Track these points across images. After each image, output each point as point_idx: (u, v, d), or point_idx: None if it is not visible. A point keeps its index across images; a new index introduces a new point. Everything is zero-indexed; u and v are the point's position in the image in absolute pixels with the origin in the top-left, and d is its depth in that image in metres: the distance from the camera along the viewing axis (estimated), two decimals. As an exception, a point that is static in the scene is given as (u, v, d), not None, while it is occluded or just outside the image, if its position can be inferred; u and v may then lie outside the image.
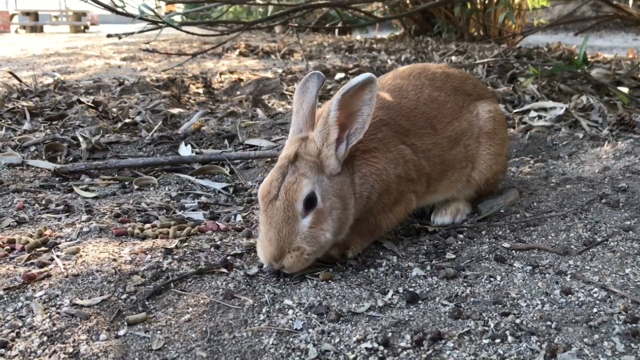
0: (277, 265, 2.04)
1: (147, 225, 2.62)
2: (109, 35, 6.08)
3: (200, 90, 6.13)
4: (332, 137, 2.11)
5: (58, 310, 1.87)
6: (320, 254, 2.14)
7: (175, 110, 4.96)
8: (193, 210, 2.88)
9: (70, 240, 2.43)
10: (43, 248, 2.35)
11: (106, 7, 5.39)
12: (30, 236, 2.45)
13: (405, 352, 1.67)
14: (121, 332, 1.78)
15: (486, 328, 1.78)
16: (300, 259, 2.03)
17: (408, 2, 10.97)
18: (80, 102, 5.00)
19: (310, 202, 2.04)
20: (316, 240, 2.06)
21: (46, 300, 1.93)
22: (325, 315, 1.86)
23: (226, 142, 4.11)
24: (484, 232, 2.54)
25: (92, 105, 4.89)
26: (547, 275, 2.10)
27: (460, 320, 1.83)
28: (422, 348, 1.69)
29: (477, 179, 2.67)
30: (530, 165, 3.48)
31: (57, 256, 2.24)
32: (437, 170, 2.50)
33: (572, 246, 2.33)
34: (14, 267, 2.16)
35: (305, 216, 2.05)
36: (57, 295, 1.95)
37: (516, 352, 1.65)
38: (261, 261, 2.10)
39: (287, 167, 2.09)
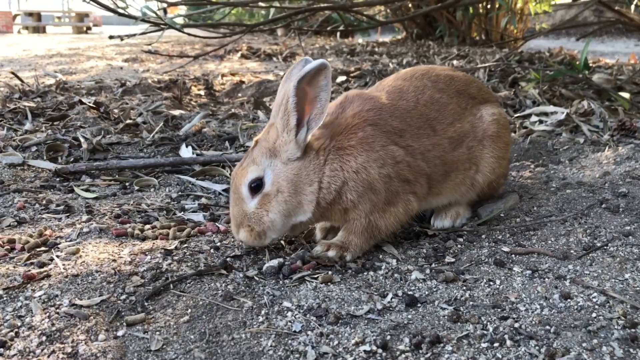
0: (237, 238, 2.31)
1: (147, 226, 2.63)
2: (111, 37, 6.09)
3: (202, 92, 6.14)
4: (291, 123, 2.22)
5: (57, 310, 1.87)
6: (278, 233, 2.31)
7: (176, 112, 4.97)
8: (193, 212, 2.88)
9: (70, 241, 2.44)
10: (43, 248, 2.35)
11: (108, 8, 5.40)
12: (30, 236, 2.45)
13: (403, 355, 1.67)
14: (120, 333, 1.78)
15: (485, 332, 1.78)
16: (252, 234, 2.25)
17: (410, 5, 10.99)
18: (81, 102, 5.01)
19: (256, 187, 2.25)
20: (260, 220, 2.25)
21: (45, 300, 1.93)
22: (324, 317, 1.86)
23: (227, 143, 4.12)
24: (483, 236, 2.54)
25: (94, 106, 4.89)
26: (546, 279, 2.10)
27: (459, 323, 1.83)
28: (420, 351, 1.69)
29: (481, 181, 2.67)
30: (531, 169, 3.48)
31: (57, 256, 2.25)
32: (439, 171, 2.49)
33: (572, 251, 2.32)
34: (14, 267, 2.17)
35: (253, 199, 2.25)
36: (57, 295, 1.95)
37: (515, 357, 1.65)
38: None
39: (249, 152, 2.31)
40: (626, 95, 4.92)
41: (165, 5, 5.81)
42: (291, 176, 2.25)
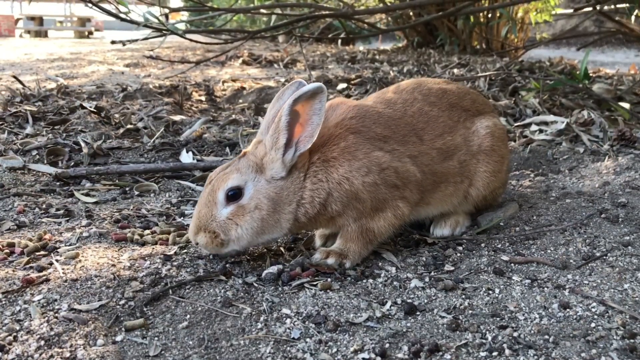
0: (193, 240, 2.25)
1: (147, 231, 2.63)
2: (113, 42, 6.10)
3: (203, 98, 6.16)
4: (280, 142, 2.21)
5: (56, 314, 1.87)
6: (241, 248, 2.26)
7: (177, 117, 4.98)
8: (193, 217, 2.88)
9: (70, 245, 2.44)
10: (42, 252, 2.35)
11: (111, 13, 5.42)
12: (30, 240, 2.45)
13: (402, 364, 1.67)
14: (118, 338, 1.78)
15: (484, 341, 1.77)
16: (214, 241, 2.20)
17: (411, 13, 11.03)
18: (82, 107, 5.02)
19: (233, 195, 2.21)
20: (227, 231, 2.21)
21: (44, 304, 1.93)
22: (323, 324, 1.86)
23: (227, 149, 4.12)
24: (483, 245, 2.54)
25: (95, 110, 4.90)
26: (545, 289, 2.10)
27: (458, 332, 1.83)
28: (419, 359, 1.69)
29: (475, 195, 2.66)
30: (531, 178, 3.49)
31: (56, 260, 2.25)
32: (429, 180, 2.48)
33: (571, 260, 2.33)
34: (13, 271, 2.17)
35: (226, 206, 2.21)
36: (56, 300, 1.95)
37: (513, 366, 1.65)
38: None
39: (235, 162, 2.29)
40: (626, 105, 4.92)
41: (167, 10, 5.83)
42: (273, 194, 2.22)
